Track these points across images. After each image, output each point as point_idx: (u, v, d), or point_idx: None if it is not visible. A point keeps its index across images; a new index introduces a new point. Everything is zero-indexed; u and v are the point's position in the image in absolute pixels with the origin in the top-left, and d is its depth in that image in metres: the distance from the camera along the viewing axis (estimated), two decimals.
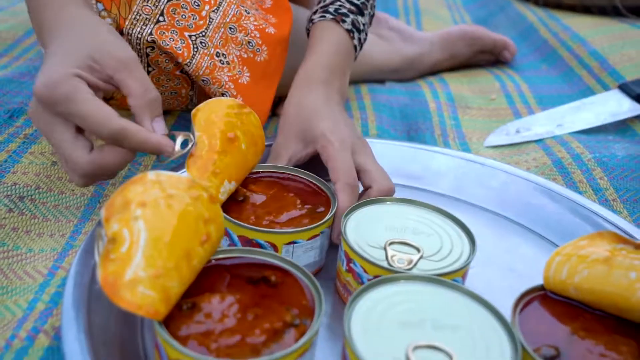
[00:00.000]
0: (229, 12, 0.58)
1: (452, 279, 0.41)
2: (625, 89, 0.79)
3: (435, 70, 0.96)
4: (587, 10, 1.09)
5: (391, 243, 0.44)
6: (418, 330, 0.36)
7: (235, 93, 0.58)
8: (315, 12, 0.63)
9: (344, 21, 0.60)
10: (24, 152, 0.56)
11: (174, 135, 0.46)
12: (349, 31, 0.61)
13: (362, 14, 0.63)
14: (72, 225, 0.50)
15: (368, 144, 0.54)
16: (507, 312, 0.37)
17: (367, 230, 0.45)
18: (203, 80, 0.57)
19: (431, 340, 0.35)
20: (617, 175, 0.62)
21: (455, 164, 0.61)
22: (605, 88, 0.86)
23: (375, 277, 0.41)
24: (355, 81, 0.87)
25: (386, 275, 0.40)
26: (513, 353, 0.34)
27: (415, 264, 0.42)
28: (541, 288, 0.40)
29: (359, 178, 0.51)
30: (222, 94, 0.58)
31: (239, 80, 0.59)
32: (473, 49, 0.98)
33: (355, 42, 0.62)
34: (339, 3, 0.62)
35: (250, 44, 0.60)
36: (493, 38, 0.99)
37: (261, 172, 0.51)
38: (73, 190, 0.54)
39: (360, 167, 0.51)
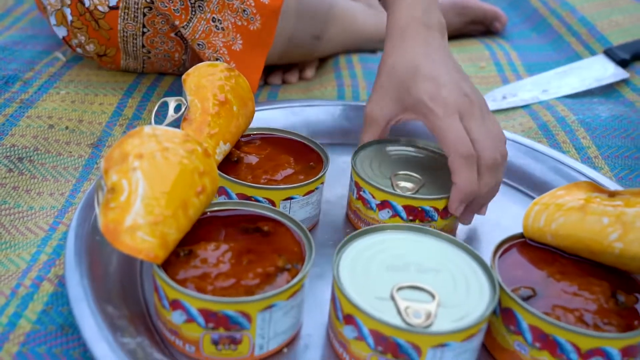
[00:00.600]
0: None
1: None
2: (610, 53, 0.81)
3: None
4: None
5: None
6: (402, 273, 0.38)
7: (228, 59, 0.60)
8: None
9: None
10: (21, 116, 0.58)
11: (167, 101, 0.47)
12: None
13: None
14: (71, 185, 0.52)
15: (477, 101, 0.47)
16: (489, 258, 0.40)
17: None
18: (198, 44, 0.58)
19: (415, 282, 0.37)
20: (599, 134, 0.64)
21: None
22: (593, 54, 0.88)
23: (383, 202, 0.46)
24: (346, 50, 0.88)
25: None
26: (492, 293, 0.37)
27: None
28: (520, 236, 0.43)
29: None
30: (216, 59, 0.59)
31: (232, 47, 0.60)
32: (463, 19, 0.99)
33: None
34: None
35: (245, 12, 0.61)
36: (484, 8, 1.00)
37: (253, 134, 0.53)
38: (70, 152, 0.56)
39: (468, 135, 0.45)
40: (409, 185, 0.48)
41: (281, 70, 0.79)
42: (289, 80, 0.78)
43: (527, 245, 0.42)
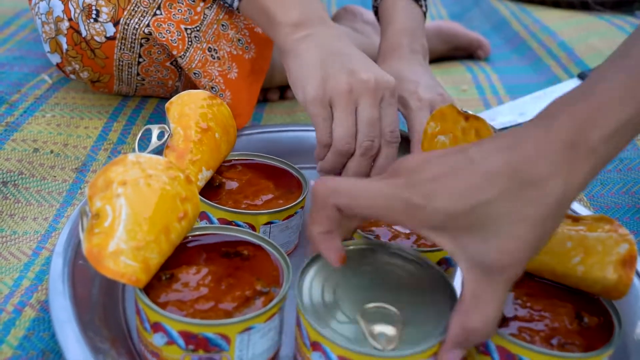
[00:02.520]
0: (222, 9, 0.62)
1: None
2: (583, 76, 0.85)
3: None
4: (556, 4, 1.15)
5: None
6: (368, 293, 0.40)
7: (224, 87, 0.63)
8: None
9: None
10: (6, 140, 0.60)
11: (150, 128, 0.50)
12: (416, 0, 0.68)
13: None
14: (55, 210, 0.54)
15: (450, 100, 0.58)
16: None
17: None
18: (195, 73, 0.61)
19: (380, 302, 0.39)
20: None
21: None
22: (572, 77, 0.92)
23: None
24: None
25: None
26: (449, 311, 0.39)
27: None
28: None
29: None
30: (212, 88, 0.62)
31: (228, 76, 0.63)
32: (448, 46, 1.03)
33: (424, 9, 0.69)
34: None
35: (240, 42, 0.64)
36: (469, 37, 1.04)
37: (235, 159, 0.55)
38: (55, 176, 0.58)
39: None
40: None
41: (262, 89, 0.82)
42: (271, 98, 0.82)
43: None
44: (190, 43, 0.60)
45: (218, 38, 0.62)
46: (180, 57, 0.59)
